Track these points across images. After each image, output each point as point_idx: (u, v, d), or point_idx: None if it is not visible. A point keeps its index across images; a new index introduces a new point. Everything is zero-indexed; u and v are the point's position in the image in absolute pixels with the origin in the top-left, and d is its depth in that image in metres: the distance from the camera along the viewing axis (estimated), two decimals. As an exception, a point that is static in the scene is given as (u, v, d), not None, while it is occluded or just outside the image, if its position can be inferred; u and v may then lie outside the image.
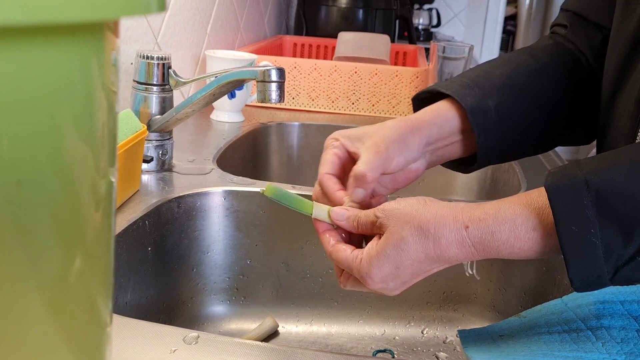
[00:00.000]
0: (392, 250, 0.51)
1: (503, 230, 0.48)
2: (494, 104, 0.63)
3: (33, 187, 0.23)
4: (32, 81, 0.22)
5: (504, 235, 0.48)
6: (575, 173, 0.46)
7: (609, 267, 0.44)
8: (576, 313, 0.54)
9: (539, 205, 0.48)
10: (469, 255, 0.49)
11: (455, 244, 0.49)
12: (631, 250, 0.43)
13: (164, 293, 0.76)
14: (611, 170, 0.45)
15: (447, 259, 0.50)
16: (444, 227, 0.50)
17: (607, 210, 0.44)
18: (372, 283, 0.51)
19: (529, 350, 0.52)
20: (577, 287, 0.46)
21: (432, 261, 0.50)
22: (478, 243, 0.49)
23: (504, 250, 0.48)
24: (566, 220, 0.44)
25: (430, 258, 0.50)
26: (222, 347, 0.48)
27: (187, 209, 0.78)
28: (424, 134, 0.60)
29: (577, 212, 0.44)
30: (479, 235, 0.49)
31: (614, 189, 0.44)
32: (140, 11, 0.24)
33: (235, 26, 1.48)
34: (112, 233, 0.30)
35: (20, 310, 0.24)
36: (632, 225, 0.43)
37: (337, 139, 0.61)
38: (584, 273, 0.45)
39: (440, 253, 0.50)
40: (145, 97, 0.82)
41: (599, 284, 0.46)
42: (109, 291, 0.30)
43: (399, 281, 0.51)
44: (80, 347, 0.28)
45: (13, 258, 0.23)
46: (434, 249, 0.50)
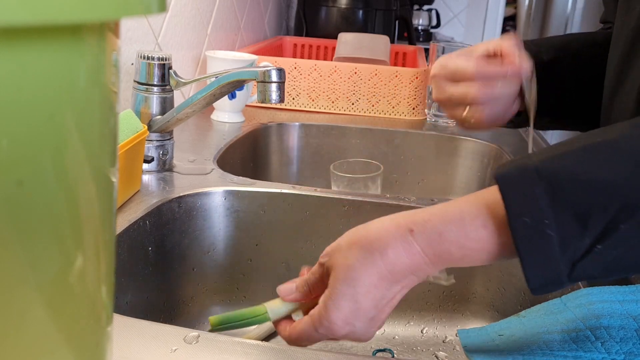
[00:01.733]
0: (343, 284, 0.48)
1: (450, 230, 0.45)
2: (548, 58, 0.67)
3: (33, 187, 0.23)
4: (32, 81, 0.22)
5: (452, 235, 0.45)
6: (525, 163, 0.43)
7: (566, 262, 0.41)
8: (575, 313, 0.54)
9: (489, 201, 0.45)
10: (421, 263, 0.46)
11: (404, 253, 0.46)
12: (588, 241, 0.41)
13: (165, 293, 0.76)
14: (563, 157, 0.42)
15: (401, 273, 0.47)
16: (388, 237, 0.47)
17: (561, 199, 0.41)
18: (337, 329, 0.48)
19: (529, 350, 0.52)
20: (533, 288, 0.43)
21: (388, 282, 0.47)
22: (427, 247, 0.46)
23: (455, 252, 0.45)
24: (518, 211, 0.41)
25: (383, 278, 0.47)
26: (223, 347, 0.48)
27: (187, 209, 0.79)
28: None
29: (529, 202, 0.41)
30: (426, 238, 0.46)
31: (566, 176, 0.41)
32: (140, 12, 0.24)
33: (235, 27, 1.48)
34: (113, 233, 0.30)
35: (21, 310, 0.24)
36: (587, 214, 0.40)
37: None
38: (540, 270, 0.42)
39: (391, 268, 0.46)
40: (146, 97, 0.82)
41: (556, 283, 0.42)
42: (109, 291, 0.30)
43: (364, 318, 0.48)
44: (81, 346, 0.28)
45: (13, 258, 0.23)
46: (383, 265, 0.47)
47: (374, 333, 0.49)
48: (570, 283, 0.43)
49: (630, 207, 0.40)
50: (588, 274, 0.42)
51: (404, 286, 0.48)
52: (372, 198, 0.82)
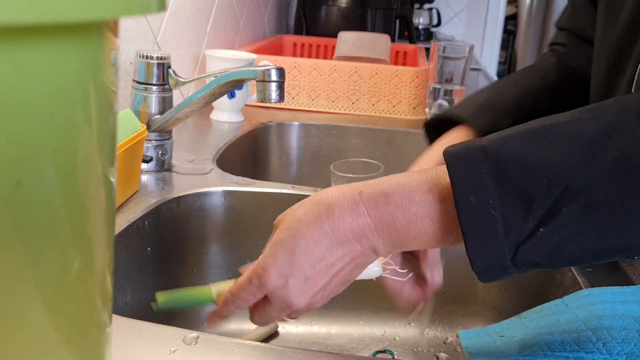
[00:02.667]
0: (284, 232, 0.47)
1: (398, 192, 0.45)
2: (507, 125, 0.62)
3: (33, 187, 0.23)
4: (32, 81, 0.22)
5: (398, 197, 0.45)
6: (474, 143, 0.43)
7: (510, 245, 0.41)
8: (577, 313, 0.54)
9: (437, 171, 0.45)
10: (365, 227, 0.45)
11: (349, 212, 0.45)
12: (531, 224, 0.40)
13: (164, 293, 0.76)
14: (510, 139, 0.42)
15: (344, 234, 0.45)
16: (338, 196, 0.46)
17: (506, 179, 0.40)
18: (269, 279, 0.46)
19: (530, 351, 0.51)
20: (477, 271, 0.42)
21: (329, 241, 0.46)
22: (372, 208, 0.45)
23: (400, 217, 0.44)
24: (464, 189, 0.41)
25: (325, 235, 0.46)
26: (222, 348, 0.48)
27: (186, 209, 0.78)
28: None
29: (475, 180, 0.41)
30: (372, 198, 0.45)
31: (512, 157, 0.41)
32: (139, 11, 0.24)
33: (235, 26, 1.48)
34: (112, 233, 0.30)
35: (20, 310, 0.24)
36: (531, 196, 0.40)
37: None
38: (484, 251, 0.41)
39: (333, 225, 0.45)
40: (145, 96, 0.82)
41: (500, 267, 0.42)
42: (108, 291, 0.30)
43: (298, 274, 0.46)
44: (80, 347, 0.28)
45: (13, 258, 0.23)
46: (326, 219, 0.46)
47: (307, 301, 0.47)
48: (516, 270, 0.42)
49: (573, 191, 0.39)
50: (532, 259, 0.41)
51: (345, 253, 0.46)
52: (373, 198, 0.82)
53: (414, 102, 1.30)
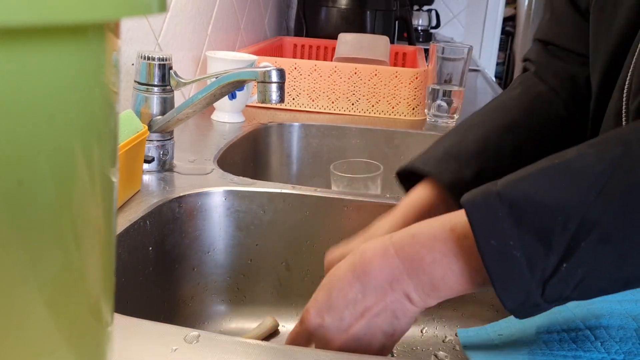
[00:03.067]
0: (327, 278, 0.51)
1: (422, 232, 0.47)
2: (471, 172, 0.63)
3: (34, 187, 0.23)
4: (32, 81, 0.22)
5: (422, 237, 0.47)
6: (489, 188, 0.44)
7: (536, 282, 0.42)
8: (575, 312, 0.54)
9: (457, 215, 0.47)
10: (394, 268, 0.48)
11: (379, 254, 0.48)
12: (554, 260, 0.41)
13: (165, 292, 0.76)
14: (522, 181, 0.44)
15: (373, 276, 0.48)
16: (373, 243, 0.49)
17: (523, 220, 0.42)
18: (309, 318, 0.50)
19: (528, 350, 0.52)
20: (511, 310, 0.44)
21: (360, 283, 0.48)
22: (400, 249, 0.48)
23: (425, 255, 0.47)
24: (485, 234, 0.43)
25: (357, 276, 0.49)
26: (223, 346, 0.48)
27: (188, 209, 0.79)
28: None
29: (494, 225, 0.42)
30: (399, 240, 0.48)
31: (525, 199, 0.42)
32: (141, 12, 0.24)
33: (235, 27, 1.48)
34: (114, 233, 0.30)
35: (21, 310, 0.24)
36: (548, 233, 0.41)
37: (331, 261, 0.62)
38: (513, 291, 0.43)
39: (365, 268, 0.48)
40: (146, 97, 0.82)
41: (531, 305, 0.43)
42: (110, 291, 0.30)
43: (335, 315, 0.49)
44: (81, 346, 0.28)
45: (14, 258, 0.23)
46: (360, 264, 0.49)
47: (344, 341, 0.50)
48: (549, 305, 0.43)
49: (587, 224, 0.41)
50: (562, 294, 0.42)
51: (379, 299, 0.48)
52: (372, 198, 0.82)
53: (413, 102, 1.30)
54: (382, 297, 0.48)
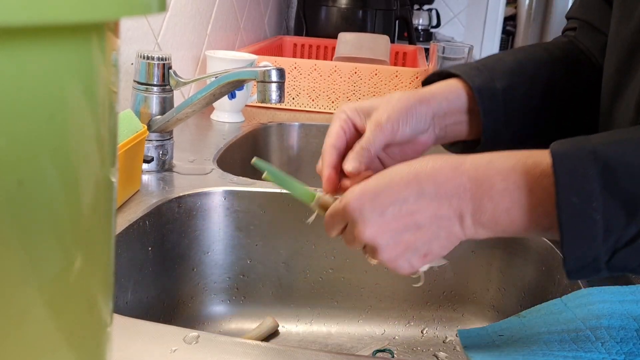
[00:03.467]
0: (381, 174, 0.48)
1: (500, 159, 0.45)
2: (501, 86, 0.62)
3: (34, 187, 0.23)
4: (32, 81, 0.22)
5: (500, 164, 0.45)
6: (583, 143, 0.42)
7: (607, 248, 0.41)
8: (576, 313, 0.54)
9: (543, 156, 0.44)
10: (460, 184, 0.45)
11: (450, 167, 0.45)
12: (633, 231, 0.40)
13: (165, 293, 0.76)
14: (622, 144, 0.42)
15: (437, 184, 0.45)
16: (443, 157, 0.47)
17: (613, 184, 0.40)
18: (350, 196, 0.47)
19: (529, 350, 0.52)
20: (570, 269, 0.42)
21: (418, 186, 0.45)
22: (473, 169, 0.45)
23: (498, 182, 0.44)
24: (568, 190, 0.41)
25: (418, 180, 0.45)
26: (223, 347, 0.48)
27: (187, 209, 0.79)
28: (432, 106, 0.59)
29: (580, 182, 0.41)
30: (475, 161, 0.45)
31: (623, 163, 0.40)
32: (140, 11, 0.24)
33: (235, 27, 1.48)
34: (113, 233, 0.30)
35: (21, 310, 0.24)
36: (636, 203, 0.40)
37: (345, 111, 0.59)
38: (580, 252, 0.41)
39: (430, 174, 0.45)
40: (146, 97, 0.82)
41: (593, 268, 0.42)
42: (109, 291, 0.30)
43: (377, 208, 0.46)
44: (81, 346, 0.28)
45: (14, 258, 0.23)
46: (425, 169, 0.46)
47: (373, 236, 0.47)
48: (608, 272, 0.42)
49: None
50: (627, 265, 0.41)
51: (431, 207, 0.46)
52: (372, 198, 0.82)
53: (414, 102, 1.30)
54: (435, 209, 0.46)
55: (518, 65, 0.64)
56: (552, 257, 0.72)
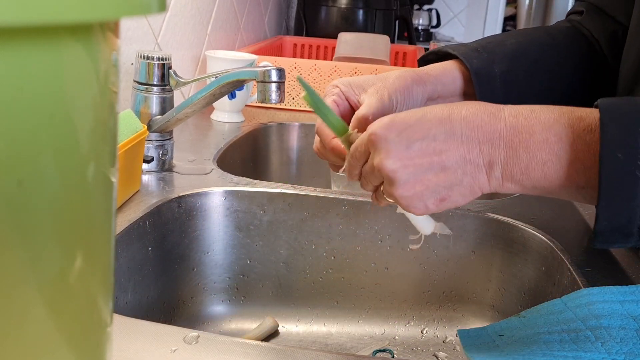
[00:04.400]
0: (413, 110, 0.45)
1: (545, 110, 0.43)
2: (500, 70, 0.60)
3: (34, 187, 0.23)
4: (32, 81, 0.22)
5: (543, 115, 0.43)
6: (635, 99, 0.41)
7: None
8: (575, 313, 0.54)
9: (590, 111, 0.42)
10: (496, 130, 0.43)
11: (488, 111, 0.43)
12: None
13: (165, 293, 0.76)
14: None
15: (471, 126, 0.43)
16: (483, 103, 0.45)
17: None
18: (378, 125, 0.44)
19: (529, 350, 0.52)
20: (600, 229, 0.41)
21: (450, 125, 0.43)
22: (513, 116, 0.43)
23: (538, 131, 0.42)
24: (613, 143, 0.39)
25: (453, 118, 0.43)
26: (223, 347, 0.48)
27: (187, 209, 0.79)
28: (428, 88, 0.57)
29: (627, 137, 0.39)
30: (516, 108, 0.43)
31: None
32: (140, 11, 0.24)
33: (235, 27, 1.48)
34: (113, 233, 0.30)
35: (21, 310, 0.24)
36: None
37: (337, 86, 0.57)
38: (615, 210, 0.39)
39: (464, 114, 0.43)
40: (146, 97, 0.82)
41: (623, 232, 0.40)
42: (109, 291, 0.30)
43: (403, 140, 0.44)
44: (81, 346, 0.28)
45: (13, 258, 0.23)
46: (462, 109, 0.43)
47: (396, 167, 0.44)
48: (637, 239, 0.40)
49: None
50: None
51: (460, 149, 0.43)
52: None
53: (414, 102, 1.30)
54: (464, 152, 0.44)
55: (519, 49, 0.63)
56: (553, 257, 0.72)
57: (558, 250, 0.71)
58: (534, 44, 0.64)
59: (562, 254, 0.70)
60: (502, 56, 0.61)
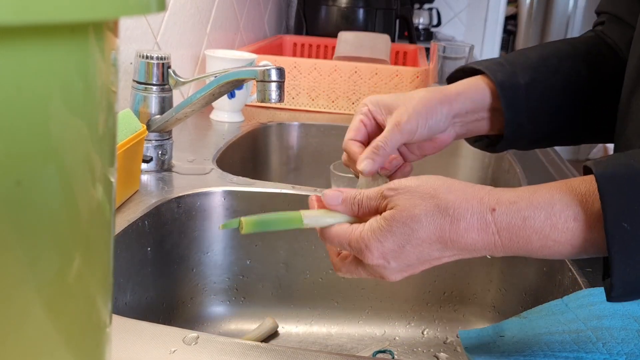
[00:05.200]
0: (400, 227, 0.44)
1: (538, 217, 0.42)
2: (524, 81, 0.61)
3: (32, 187, 0.23)
4: (31, 81, 0.22)
5: (538, 222, 0.42)
6: (630, 163, 0.40)
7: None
8: (577, 313, 0.54)
9: (582, 192, 0.42)
10: (490, 244, 0.43)
11: (476, 229, 0.43)
12: None
13: (164, 293, 0.76)
14: None
15: (463, 246, 0.44)
16: (467, 210, 0.43)
17: None
18: (370, 256, 0.45)
19: (530, 351, 0.51)
20: (615, 295, 0.41)
21: (444, 246, 0.44)
22: (505, 229, 0.43)
23: (535, 241, 0.42)
24: (618, 214, 0.39)
25: (442, 241, 0.44)
26: (222, 348, 0.48)
27: (186, 209, 0.78)
28: (454, 106, 0.59)
29: (632, 207, 0.39)
30: (507, 220, 0.43)
31: None
32: (139, 11, 0.24)
33: (235, 26, 1.48)
34: (112, 233, 0.30)
35: (20, 310, 0.24)
36: None
37: (366, 105, 0.60)
38: (630, 278, 0.40)
39: (456, 238, 0.43)
40: (145, 97, 0.82)
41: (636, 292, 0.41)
42: (108, 291, 0.30)
43: (402, 263, 0.45)
44: (80, 347, 0.28)
45: (13, 258, 0.23)
46: (449, 232, 0.43)
47: (398, 277, 0.47)
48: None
49: None
50: None
51: (456, 255, 0.45)
52: (372, 198, 0.82)
53: (414, 102, 1.29)
54: (459, 255, 0.45)
55: (541, 60, 0.64)
56: (553, 259, 0.72)
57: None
58: (555, 54, 0.65)
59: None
60: (525, 67, 0.63)
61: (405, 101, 0.58)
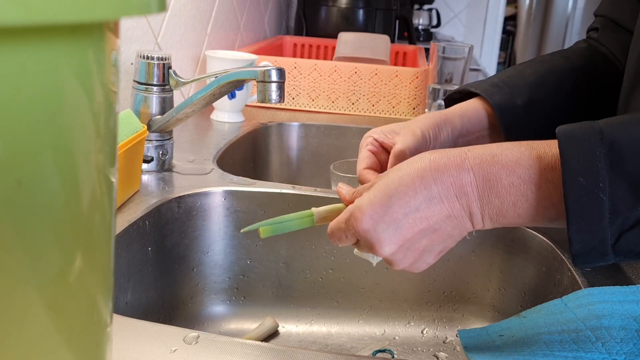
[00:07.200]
0: (386, 179, 0.47)
1: (505, 154, 0.45)
2: (522, 102, 0.63)
3: (33, 187, 0.23)
4: (32, 81, 0.22)
5: (504, 158, 0.45)
6: (590, 124, 0.42)
7: (614, 230, 0.41)
8: (576, 313, 0.54)
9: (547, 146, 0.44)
10: (466, 182, 0.45)
11: (454, 165, 0.45)
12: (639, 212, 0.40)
13: (164, 293, 0.76)
14: (629, 125, 0.42)
15: (444, 186, 0.45)
16: (445, 153, 0.46)
17: (620, 165, 0.40)
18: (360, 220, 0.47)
19: (529, 350, 0.52)
20: (576, 252, 0.42)
21: (427, 191, 0.46)
22: (477, 165, 0.45)
23: (504, 177, 0.44)
24: (575, 169, 0.41)
25: (425, 184, 0.45)
26: (222, 347, 0.48)
27: (187, 209, 0.79)
28: (456, 125, 0.61)
29: (587, 162, 0.40)
30: (479, 157, 0.45)
31: (630, 143, 0.40)
32: (140, 11, 0.24)
33: (235, 26, 1.48)
34: (112, 233, 0.30)
35: (21, 310, 0.24)
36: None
37: (371, 135, 0.62)
38: (586, 234, 0.41)
39: (436, 176, 0.45)
40: (146, 97, 0.82)
41: (599, 252, 0.42)
42: (109, 291, 0.30)
43: (391, 223, 0.46)
44: (81, 347, 0.28)
45: (13, 258, 0.23)
46: (430, 172, 0.46)
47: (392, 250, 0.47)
48: (614, 257, 0.42)
49: None
50: (634, 248, 0.41)
51: (442, 209, 0.46)
52: (372, 198, 0.82)
53: (414, 102, 1.30)
54: (447, 210, 0.46)
55: (539, 78, 0.65)
56: (553, 257, 0.72)
57: (558, 250, 0.71)
58: (552, 71, 0.66)
59: (563, 254, 0.70)
60: (522, 88, 0.64)
61: (411, 123, 0.60)
